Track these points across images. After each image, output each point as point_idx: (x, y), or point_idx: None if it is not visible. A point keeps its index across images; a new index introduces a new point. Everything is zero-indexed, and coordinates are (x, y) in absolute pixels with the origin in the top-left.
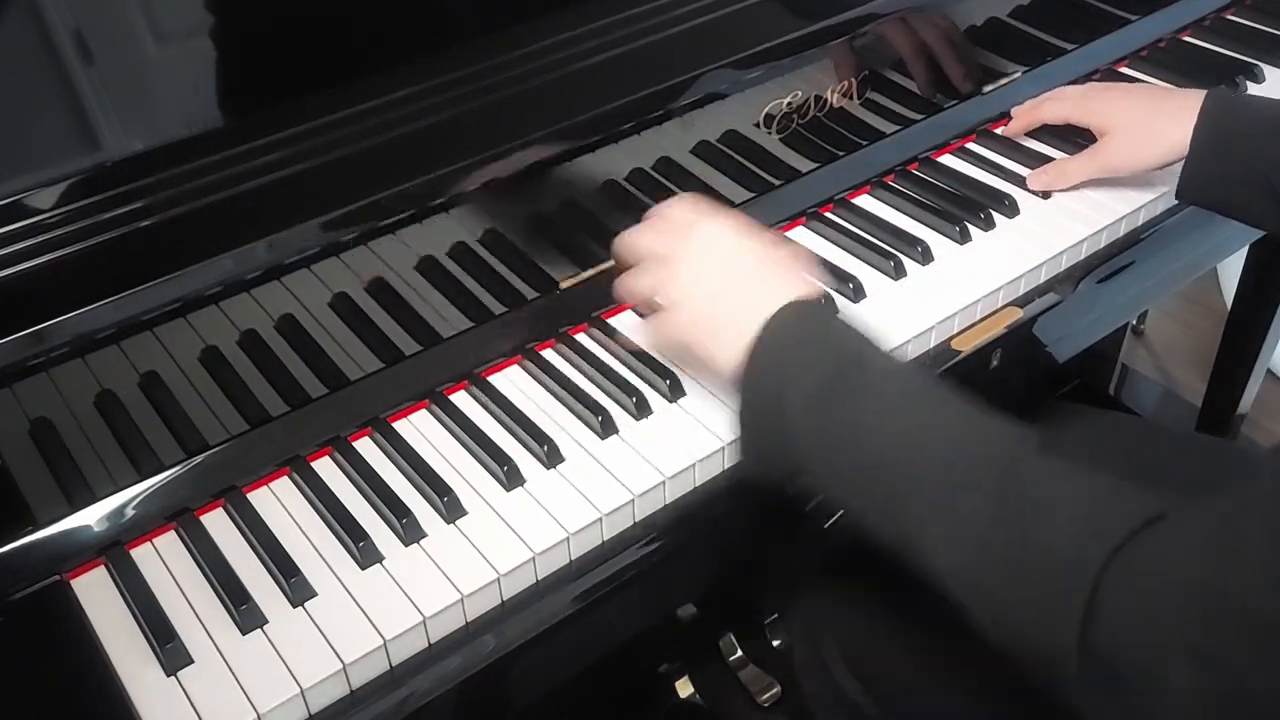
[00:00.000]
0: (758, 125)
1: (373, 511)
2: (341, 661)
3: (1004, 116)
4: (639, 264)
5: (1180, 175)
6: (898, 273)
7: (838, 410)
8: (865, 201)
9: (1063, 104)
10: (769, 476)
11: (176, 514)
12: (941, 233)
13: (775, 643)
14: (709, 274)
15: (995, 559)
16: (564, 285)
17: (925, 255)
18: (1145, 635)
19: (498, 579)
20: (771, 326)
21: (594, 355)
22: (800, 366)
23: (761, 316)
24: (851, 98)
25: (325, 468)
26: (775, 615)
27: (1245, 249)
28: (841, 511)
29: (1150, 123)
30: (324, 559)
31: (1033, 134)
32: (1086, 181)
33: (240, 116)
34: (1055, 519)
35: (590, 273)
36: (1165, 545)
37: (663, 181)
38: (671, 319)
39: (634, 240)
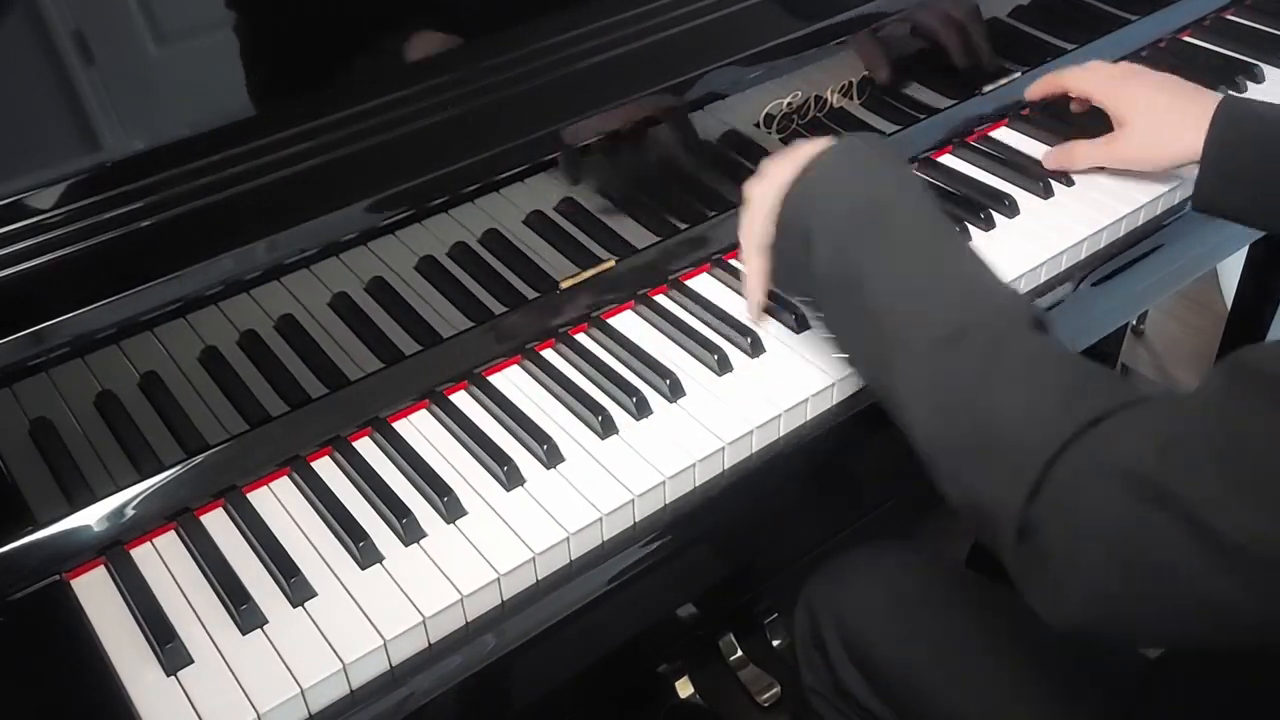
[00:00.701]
0: (758, 125)
1: (373, 511)
2: (341, 661)
3: (1004, 117)
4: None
5: (1195, 187)
6: None
7: (855, 249)
8: None
9: (1090, 78)
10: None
11: (176, 514)
12: None
13: (775, 643)
14: (788, 164)
15: (965, 420)
16: (564, 285)
17: None
18: (1076, 519)
19: (498, 579)
20: (815, 160)
21: (594, 355)
22: (833, 198)
23: (813, 155)
24: (851, 98)
25: (325, 468)
26: (775, 615)
27: (1245, 249)
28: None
29: (1167, 122)
30: (324, 559)
31: (1041, 132)
32: (1087, 181)
33: (239, 116)
34: (1027, 397)
35: (590, 273)
36: (1113, 438)
37: (663, 181)
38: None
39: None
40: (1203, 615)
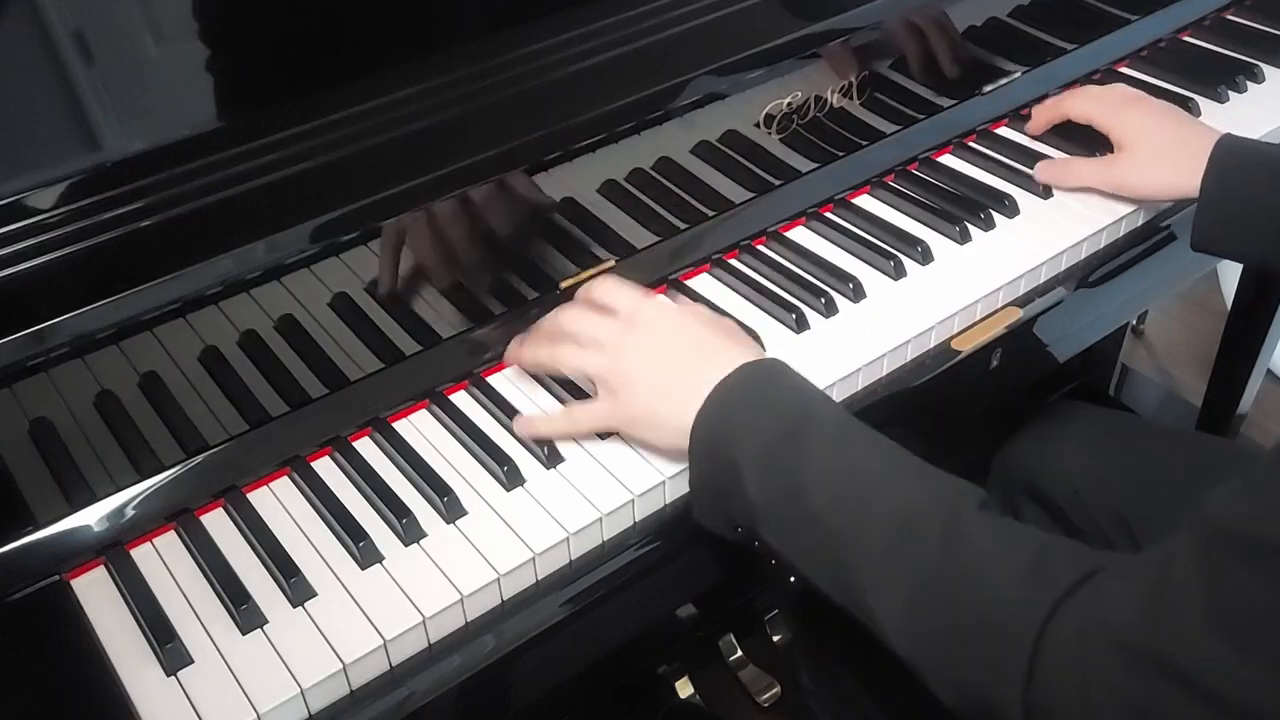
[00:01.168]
0: (758, 125)
1: (373, 511)
2: (341, 661)
3: (1004, 117)
4: (576, 342)
5: (1193, 228)
6: (898, 273)
7: (783, 473)
8: (865, 201)
9: (1091, 103)
10: (724, 534)
11: (176, 514)
12: (941, 233)
13: (775, 639)
14: (658, 347)
15: (940, 618)
16: (564, 285)
17: (925, 255)
18: (1082, 692)
19: (498, 579)
20: (722, 388)
21: None
22: (749, 429)
23: (713, 380)
24: (851, 98)
25: (325, 468)
26: (775, 612)
27: None
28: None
29: (1167, 155)
30: (324, 559)
31: (1043, 135)
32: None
33: (240, 117)
34: (997, 580)
35: (590, 273)
36: (1096, 603)
37: (663, 182)
38: (623, 395)
39: (574, 320)
40: None
